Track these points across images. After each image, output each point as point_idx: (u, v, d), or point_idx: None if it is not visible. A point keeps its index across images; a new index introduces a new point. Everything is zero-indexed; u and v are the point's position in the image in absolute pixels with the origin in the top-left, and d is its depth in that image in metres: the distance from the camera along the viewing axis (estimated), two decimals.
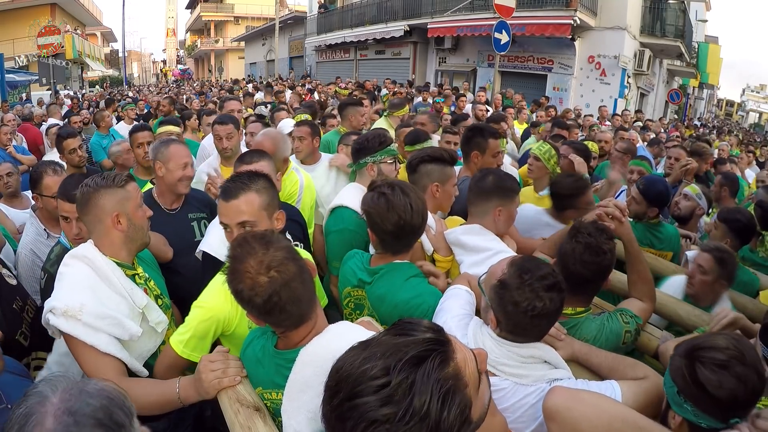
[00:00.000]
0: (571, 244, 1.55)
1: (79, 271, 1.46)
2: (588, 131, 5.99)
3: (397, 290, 1.54)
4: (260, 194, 1.47)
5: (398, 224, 1.50)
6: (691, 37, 15.17)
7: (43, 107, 9.83)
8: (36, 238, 2.31)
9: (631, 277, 1.79)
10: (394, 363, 0.64)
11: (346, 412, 0.64)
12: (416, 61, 16.50)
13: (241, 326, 1.46)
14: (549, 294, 1.19)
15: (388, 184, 1.57)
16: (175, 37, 51.41)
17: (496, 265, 1.30)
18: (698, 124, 15.98)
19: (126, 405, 0.78)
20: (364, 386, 0.63)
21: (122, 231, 1.51)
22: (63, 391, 0.74)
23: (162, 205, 2.25)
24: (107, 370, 1.37)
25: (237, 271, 1.07)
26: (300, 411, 1.06)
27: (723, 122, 26.49)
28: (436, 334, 0.70)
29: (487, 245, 1.80)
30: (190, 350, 1.42)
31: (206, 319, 1.42)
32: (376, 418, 0.61)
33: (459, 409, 0.65)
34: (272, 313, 1.08)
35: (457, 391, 0.65)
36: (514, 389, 1.21)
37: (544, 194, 2.71)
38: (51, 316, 1.37)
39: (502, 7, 7.35)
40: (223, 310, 1.43)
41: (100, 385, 0.78)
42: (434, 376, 0.64)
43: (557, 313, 1.24)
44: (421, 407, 0.61)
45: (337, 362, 0.69)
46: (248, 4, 37.44)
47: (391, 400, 0.62)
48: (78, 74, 22.88)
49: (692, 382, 1.06)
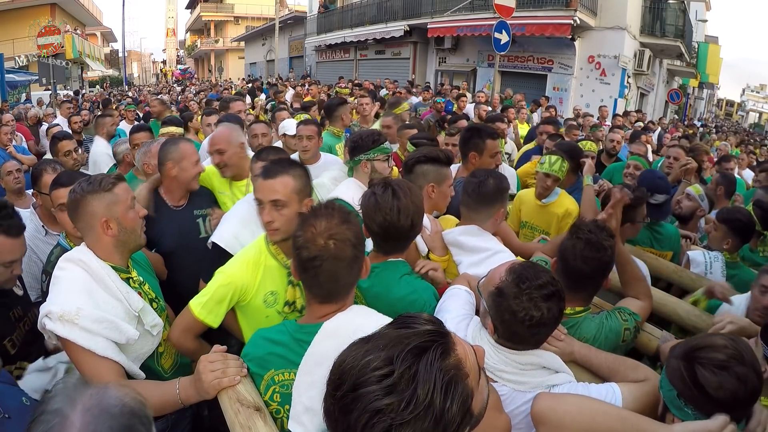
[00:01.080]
0: (572, 240, 1.56)
1: (75, 275, 1.44)
2: (588, 131, 5.99)
3: (392, 288, 1.55)
4: (295, 179, 1.58)
5: (383, 225, 1.51)
6: (691, 37, 15.17)
7: (43, 107, 9.83)
8: (34, 234, 2.33)
9: (623, 278, 1.81)
10: (397, 354, 0.65)
11: (350, 404, 0.64)
12: (416, 61, 16.50)
13: (256, 298, 1.54)
14: (547, 303, 1.17)
15: (384, 183, 1.57)
16: (175, 37, 51.41)
17: (495, 271, 1.29)
18: (697, 124, 15.97)
19: (146, 415, 0.76)
20: (367, 377, 0.64)
21: (113, 236, 1.49)
22: (83, 411, 0.70)
23: (169, 203, 2.28)
24: (106, 373, 1.36)
25: (308, 222, 1.18)
26: (314, 386, 1.07)
27: (722, 122, 26.47)
28: (436, 326, 0.71)
29: (486, 245, 1.81)
30: (206, 312, 1.51)
31: (226, 284, 1.52)
32: (381, 408, 0.61)
33: (462, 399, 0.65)
34: (307, 272, 1.17)
35: (459, 381, 0.66)
36: (513, 396, 1.21)
37: (548, 202, 2.68)
38: (47, 321, 1.35)
39: (502, 7, 7.35)
40: (242, 278, 1.53)
41: (120, 398, 0.74)
42: (437, 365, 0.64)
43: (556, 322, 1.23)
44: (425, 396, 0.62)
45: (339, 357, 0.70)
46: (248, 4, 37.43)
47: (395, 390, 0.62)
48: (78, 74, 22.86)
49: (693, 385, 1.05)
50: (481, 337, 1.27)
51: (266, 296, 1.55)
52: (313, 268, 1.15)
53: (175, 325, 1.59)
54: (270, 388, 1.26)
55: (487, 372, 1.19)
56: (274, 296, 1.56)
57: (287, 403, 1.21)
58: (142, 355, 1.54)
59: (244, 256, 1.59)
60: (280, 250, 1.58)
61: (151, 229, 2.07)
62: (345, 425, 0.64)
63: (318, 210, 1.21)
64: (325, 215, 1.18)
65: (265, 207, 1.54)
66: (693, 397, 1.06)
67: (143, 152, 2.71)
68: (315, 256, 1.14)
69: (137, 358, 1.51)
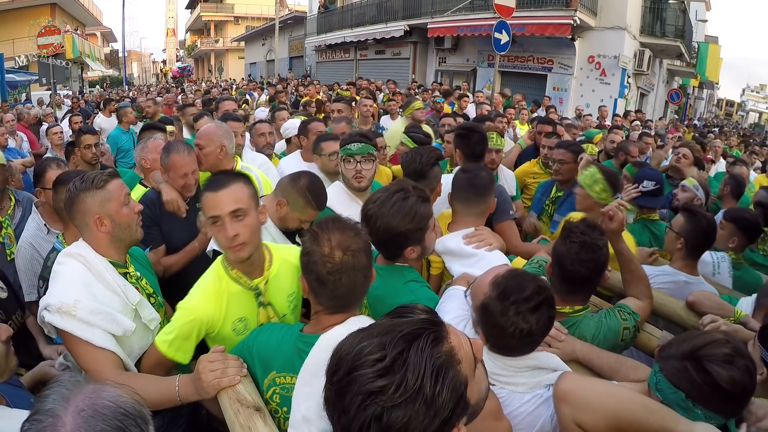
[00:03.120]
0: (566, 244, 1.54)
1: (73, 269, 1.46)
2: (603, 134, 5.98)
3: (396, 293, 1.54)
4: (247, 185, 1.48)
5: (372, 230, 1.50)
6: (691, 37, 15.16)
7: (43, 107, 9.82)
8: (36, 233, 2.34)
9: (625, 276, 1.79)
10: (389, 340, 0.67)
11: (344, 387, 0.66)
12: (416, 61, 16.49)
13: (225, 328, 1.47)
14: (536, 315, 1.16)
15: (394, 189, 1.57)
16: (175, 37, 51.41)
17: (479, 282, 1.27)
18: (697, 124, 15.96)
19: (142, 416, 0.75)
20: (361, 361, 0.67)
21: (106, 232, 1.50)
22: (76, 412, 0.69)
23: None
24: (104, 364, 1.38)
25: (320, 237, 1.17)
26: (311, 396, 1.07)
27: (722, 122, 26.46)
28: (430, 316, 0.73)
29: (474, 250, 1.81)
30: (174, 350, 1.42)
31: (189, 321, 1.42)
32: (373, 390, 0.64)
33: (453, 384, 0.66)
34: (326, 285, 1.16)
35: (450, 367, 0.67)
36: (511, 397, 1.20)
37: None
38: (46, 314, 1.38)
39: (502, 7, 7.34)
40: (206, 312, 1.43)
41: (114, 399, 0.74)
42: (427, 351, 0.66)
43: (547, 329, 1.22)
44: (415, 380, 0.64)
45: (337, 345, 0.73)
46: (248, 4, 37.42)
47: (387, 373, 0.64)
48: (78, 74, 22.85)
49: (704, 383, 1.04)
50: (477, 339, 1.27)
51: (235, 324, 1.47)
52: (332, 282, 1.15)
53: (145, 360, 1.51)
54: (271, 389, 1.26)
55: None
56: (244, 323, 1.48)
57: (286, 405, 1.21)
58: (137, 350, 1.55)
59: (203, 288, 1.47)
60: (241, 272, 1.47)
61: (163, 227, 2.18)
62: (341, 409, 0.67)
63: (326, 224, 1.20)
64: (336, 228, 1.19)
65: (225, 222, 1.39)
66: (704, 395, 1.04)
67: (140, 148, 2.79)
68: (336, 269, 1.14)
69: (132, 353, 1.52)
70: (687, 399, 1.06)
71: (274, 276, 1.52)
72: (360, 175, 2.20)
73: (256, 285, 1.47)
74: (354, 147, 2.20)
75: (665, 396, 1.11)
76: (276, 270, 1.53)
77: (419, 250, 1.58)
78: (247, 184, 1.48)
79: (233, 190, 1.42)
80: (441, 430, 0.66)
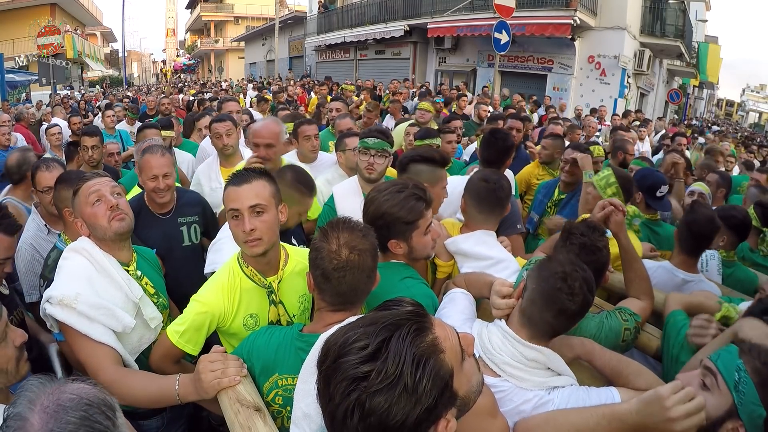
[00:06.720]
0: (566, 247, 1.54)
1: (77, 263, 1.49)
2: (588, 131, 5.99)
3: (392, 289, 1.53)
4: (270, 183, 1.50)
5: (366, 213, 1.57)
6: (691, 37, 15.16)
7: (43, 107, 9.81)
8: (36, 233, 2.34)
9: (628, 275, 1.78)
10: (374, 329, 0.70)
11: (331, 374, 0.70)
12: (416, 61, 16.50)
13: (235, 322, 1.49)
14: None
15: (397, 181, 1.60)
16: (175, 37, 51.41)
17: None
18: (697, 124, 15.96)
19: (106, 404, 0.77)
20: (347, 349, 0.70)
21: (87, 234, 1.56)
22: (41, 410, 0.72)
23: (151, 209, 2.24)
24: (103, 359, 1.38)
25: (330, 235, 1.22)
26: (310, 393, 1.07)
27: (722, 122, 26.47)
28: (416, 308, 0.76)
29: (489, 253, 1.79)
30: (185, 341, 1.44)
31: (202, 312, 1.45)
32: (357, 376, 0.66)
33: (434, 372, 0.68)
34: (330, 281, 1.20)
35: (431, 356, 0.69)
36: (514, 392, 1.20)
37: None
38: (48, 306, 1.40)
39: (502, 7, 7.35)
40: (219, 306, 1.46)
41: (76, 391, 0.76)
42: (408, 339, 0.69)
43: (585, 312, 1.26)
44: (395, 367, 0.66)
45: (327, 338, 0.76)
46: (248, 4, 37.41)
47: (370, 359, 0.67)
48: (78, 74, 22.88)
49: None
50: (489, 330, 1.28)
51: (246, 319, 1.50)
52: (336, 278, 1.19)
53: (155, 351, 1.53)
54: (273, 391, 1.27)
55: (491, 365, 1.21)
56: (255, 319, 1.51)
57: (288, 405, 1.22)
58: (137, 347, 1.56)
59: (218, 282, 1.50)
60: (256, 270, 1.49)
61: (138, 234, 2.07)
62: (328, 396, 0.70)
63: (337, 223, 1.26)
64: (346, 228, 1.24)
65: (244, 216, 1.41)
66: None
67: (136, 150, 2.86)
68: (341, 267, 1.19)
69: (133, 349, 1.53)
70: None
71: (288, 276, 1.54)
72: (371, 168, 2.29)
73: (269, 283, 1.50)
74: (370, 141, 2.30)
75: (742, 401, 1.03)
76: (290, 270, 1.55)
77: (405, 247, 1.57)
78: (270, 181, 1.51)
79: (255, 186, 1.45)
80: (426, 418, 0.67)
